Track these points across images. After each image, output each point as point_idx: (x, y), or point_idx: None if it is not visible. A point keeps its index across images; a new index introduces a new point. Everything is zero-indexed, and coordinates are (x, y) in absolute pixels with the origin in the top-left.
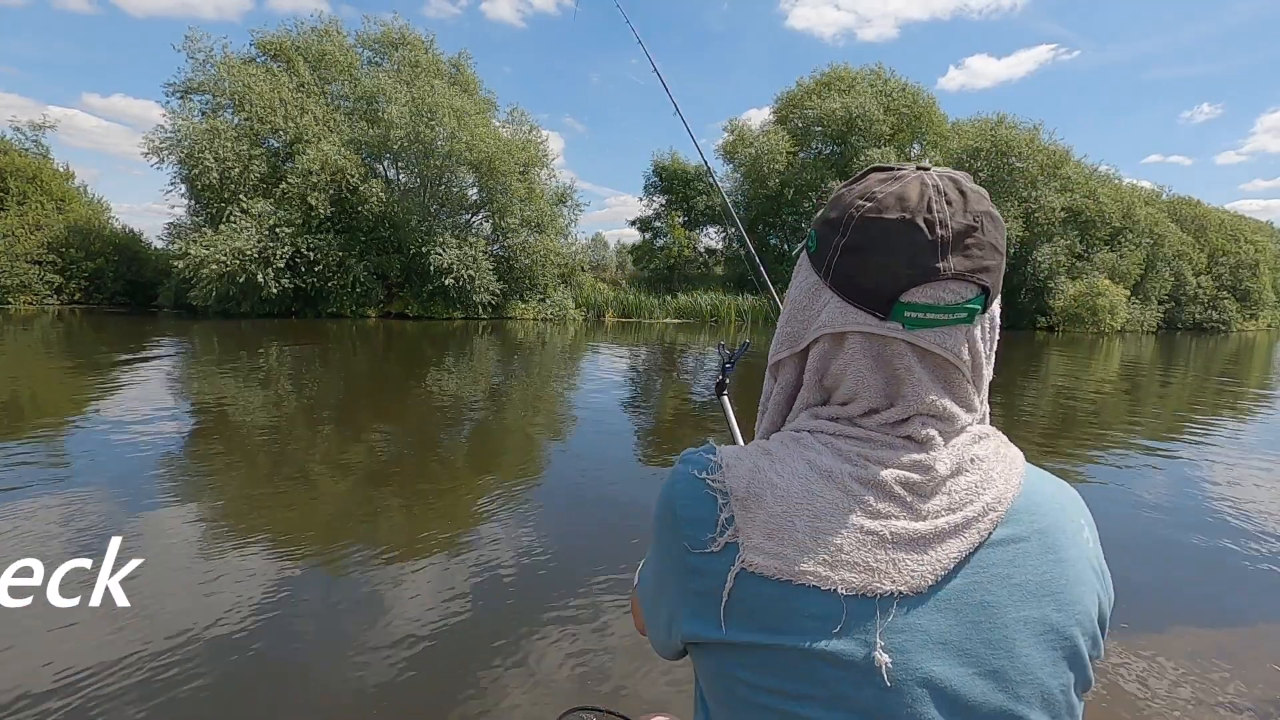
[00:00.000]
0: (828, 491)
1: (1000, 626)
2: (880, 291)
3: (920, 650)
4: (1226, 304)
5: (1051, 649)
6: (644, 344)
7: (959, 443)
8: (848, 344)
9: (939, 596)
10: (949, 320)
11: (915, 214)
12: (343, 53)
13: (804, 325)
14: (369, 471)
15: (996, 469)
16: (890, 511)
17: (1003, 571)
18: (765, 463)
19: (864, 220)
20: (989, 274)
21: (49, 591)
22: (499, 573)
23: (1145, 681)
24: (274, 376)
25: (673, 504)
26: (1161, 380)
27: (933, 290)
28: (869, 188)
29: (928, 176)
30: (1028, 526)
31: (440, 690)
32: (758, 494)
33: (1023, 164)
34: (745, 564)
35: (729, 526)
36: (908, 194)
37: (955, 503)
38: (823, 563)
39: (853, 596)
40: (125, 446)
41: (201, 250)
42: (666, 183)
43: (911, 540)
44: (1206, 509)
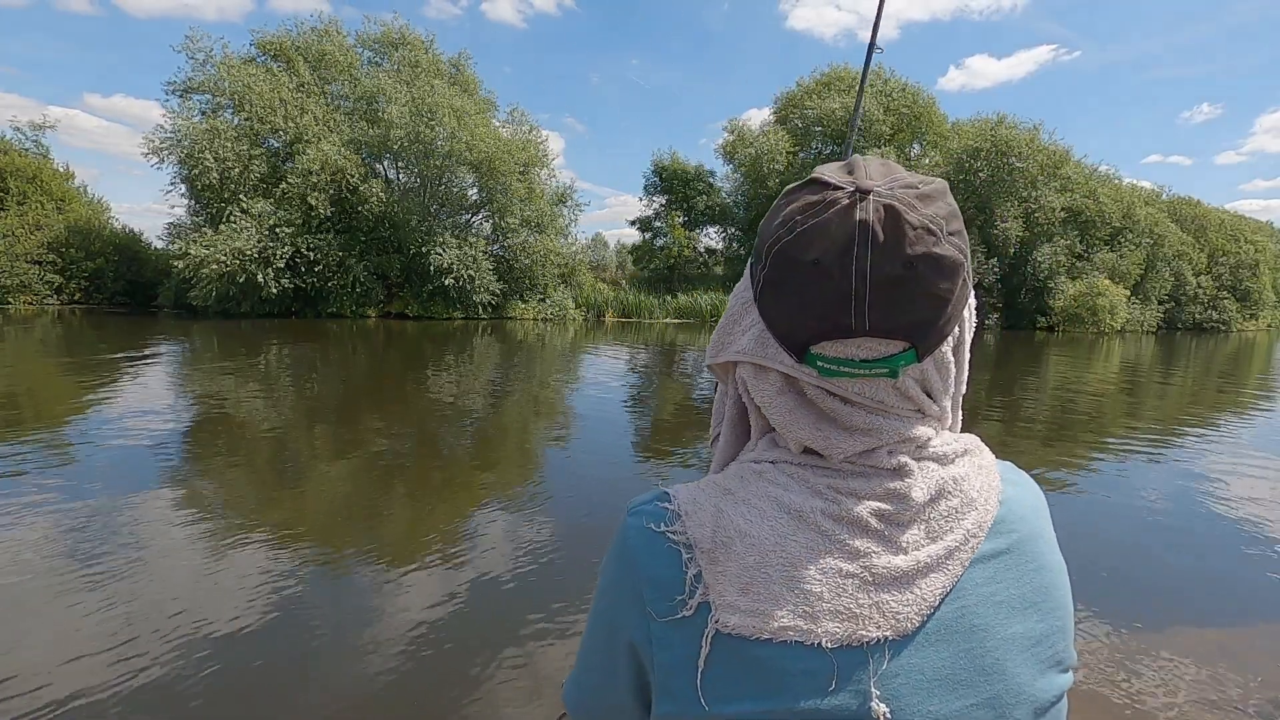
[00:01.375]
0: (800, 534)
1: (991, 651)
2: (791, 336)
3: (916, 692)
4: (1226, 304)
5: (1039, 661)
6: (644, 344)
7: (933, 465)
8: (769, 378)
9: (927, 631)
10: (867, 374)
11: (827, 259)
12: (343, 53)
13: (729, 339)
14: (369, 472)
15: (975, 487)
16: (868, 549)
17: (987, 591)
18: (728, 505)
19: (779, 255)
20: (922, 328)
21: (49, 591)
22: (499, 573)
23: (1145, 681)
24: (274, 376)
25: (634, 564)
26: (1161, 380)
27: (843, 346)
28: (793, 213)
29: (862, 208)
30: (1008, 539)
31: (440, 690)
32: (725, 543)
33: (1023, 164)
34: (720, 625)
35: (698, 584)
36: (829, 231)
37: (935, 531)
38: (803, 615)
39: (839, 648)
40: (125, 446)
41: (201, 250)
42: (666, 183)
43: (893, 579)
44: (1206, 509)
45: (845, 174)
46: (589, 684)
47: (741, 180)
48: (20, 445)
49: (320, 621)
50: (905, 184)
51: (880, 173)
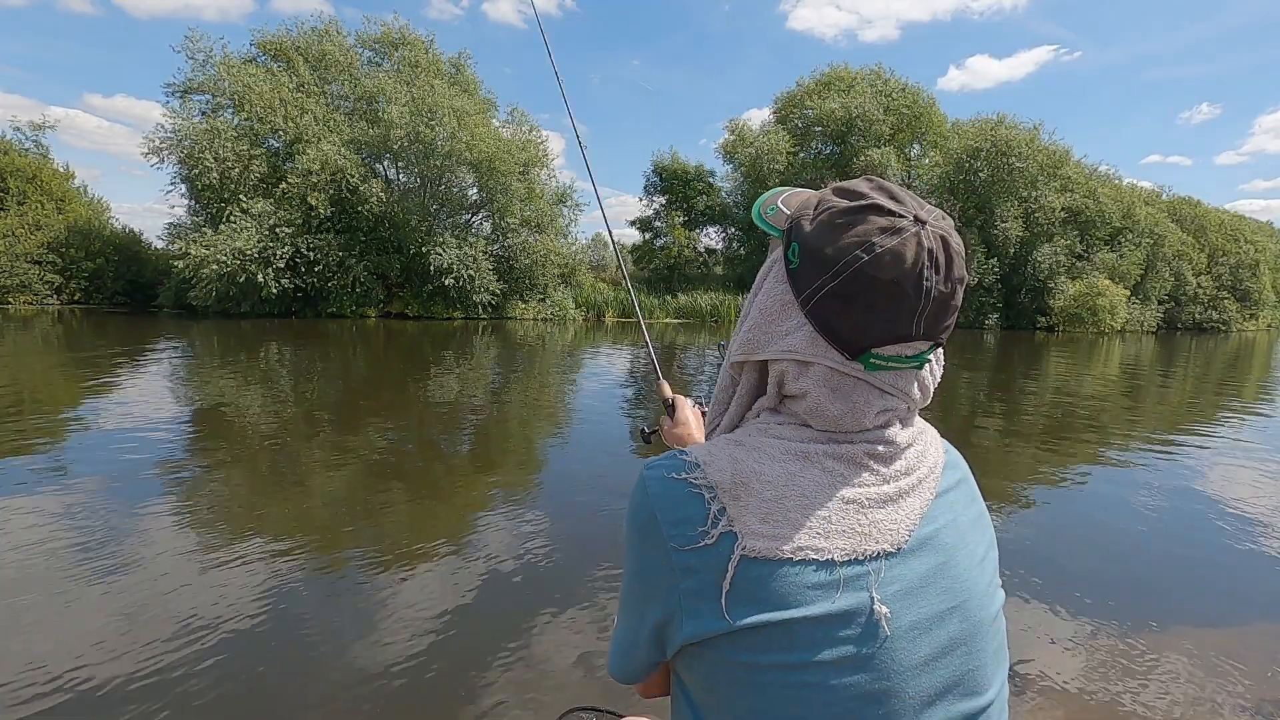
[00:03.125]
0: (808, 471)
1: (957, 563)
2: (854, 340)
3: (906, 597)
4: (1226, 304)
5: (987, 574)
6: (644, 344)
7: (905, 422)
8: (811, 371)
9: (910, 546)
10: (905, 367)
11: (905, 280)
12: (343, 53)
13: (767, 338)
14: (369, 472)
15: (930, 439)
16: (864, 480)
17: (950, 517)
18: (741, 453)
19: (858, 274)
20: (947, 331)
21: (49, 591)
22: (499, 573)
23: (1145, 681)
24: (274, 376)
25: (651, 510)
26: (1161, 380)
27: (899, 348)
28: (868, 235)
29: (924, 235)
30: (956, 475)
31: (440, 690)
32: (744, 482)
33: (1023, 164)
34: (745, 550)
35: (721, 518)
36: (904, 254)
37: (910, 466)
38: (817, 535)
39: (846, 561)
40: (126, 446)
41: (201, 250)
42: (666, 183)
43: (883, 501)
44: (1206, 509)
45: (893, 200)
46: (623, 640)
47: (741, 180)
48: (20, 445)
49: (321, 621)
50: (940, 215)
51: (915, 200)
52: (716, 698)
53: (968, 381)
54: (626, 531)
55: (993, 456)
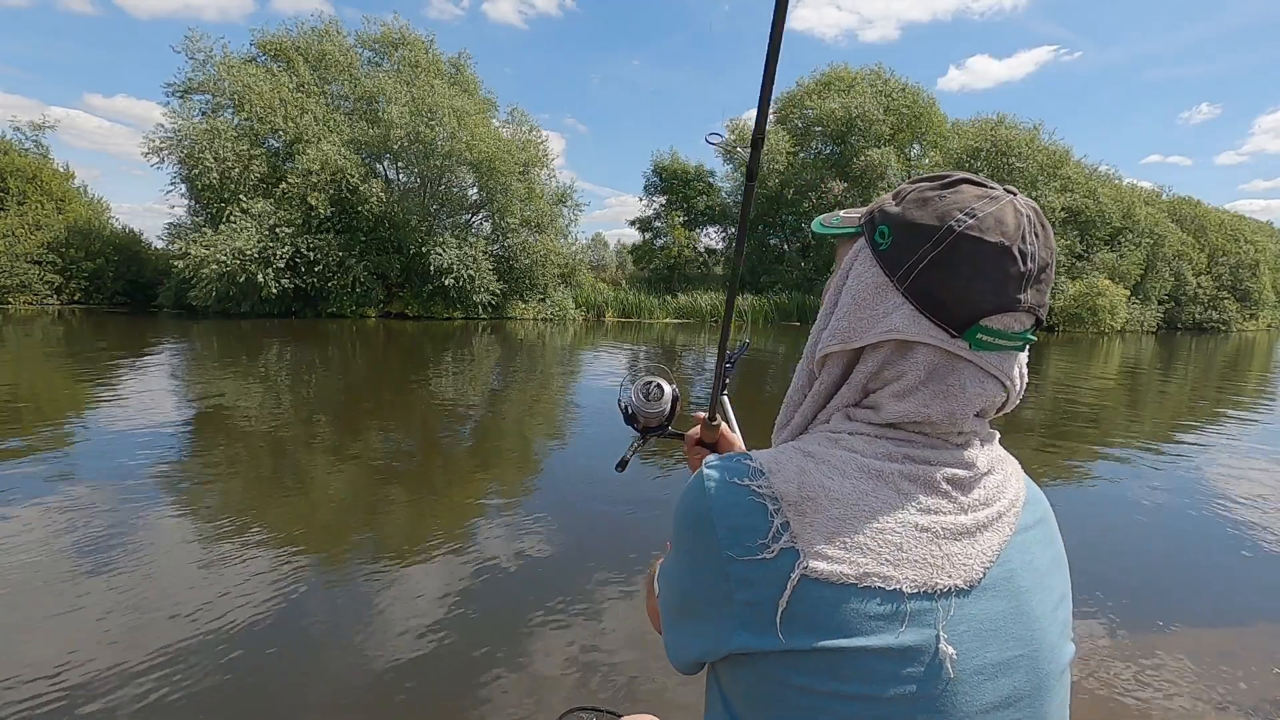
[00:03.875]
0: (880, 491)
1: (1030, 609)
2: (960, 312)
3: (974, 639)
4: (1226, 304)
5: (1061, 623)
6: (644, 344)
7: (985, 446)
8: (914, 353)
9: (984, 585)
10: (1010, 347)
11: (1013, 242)
12: (343, 53)
13: (865, 324)
14: (369, 472)
15: (1010, 469)
16: (940, 507)
17: (1027, 558)
18: (810, 465)
19: (963, 237)
20: (1045, 308)
21: (50, 591)
22: (499, 573)
23: (1145, 681)
24: (274, 377)
25: (709, 513)
26: (1161, 380)
27: (1007, 319)
28: (966, 202)
29: (1018, 203)
30: (1033, 516)
31: (440, 690)
32: (811, 497)
33: (1023, 164)
34: (807, 570)
35: (784, 532)
36: (1005, 218)
37: (989, 496)
38: (886, 562)
39: (915, 594)
40: (126, 447)
41: (201, 250)
42: (666, 183)
43: (960, 533)
44: (1206, 509)
45: (979, 179)
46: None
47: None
48: (20, 445)
49: (321, 621)
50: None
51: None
52: (760, 715)
53: None
54: (677, 526)
55: None
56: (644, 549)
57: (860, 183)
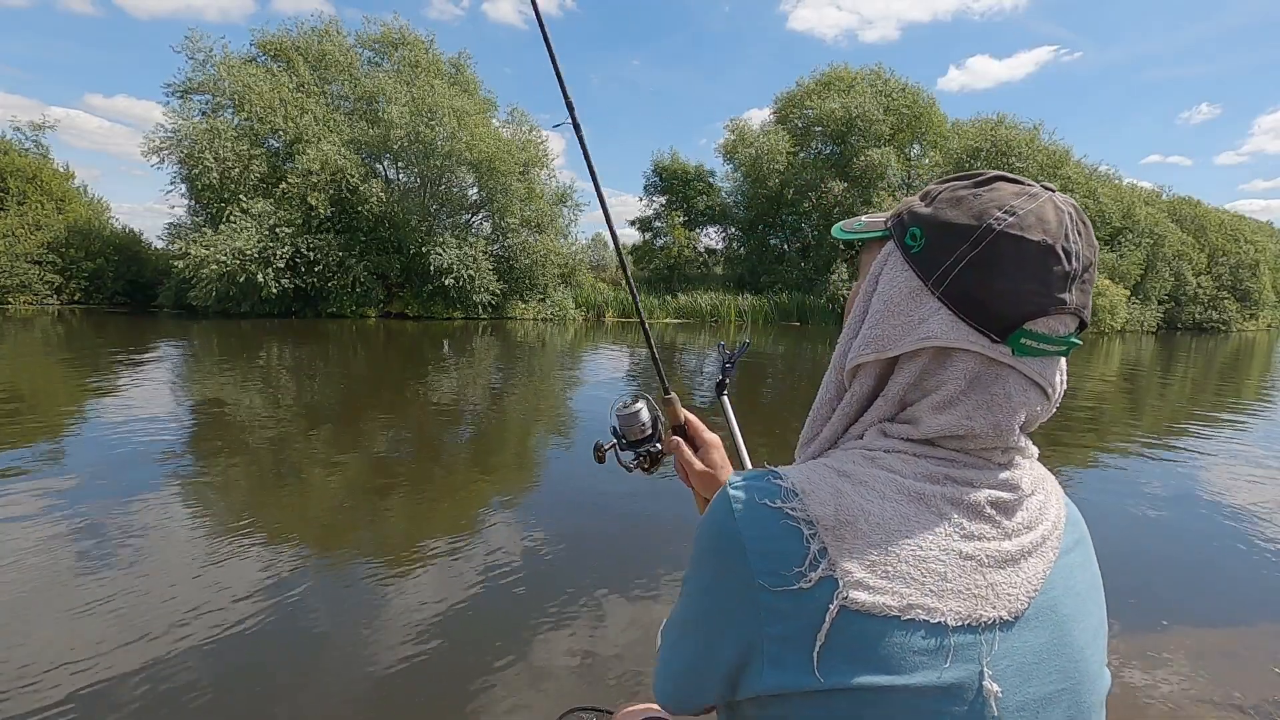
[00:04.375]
0: (922, 516)
1: (1073, 639)
2: (1003, 315)
3: (1018, 675)
4: (1226, 304)
5: (1099, 651)
6: (644, 344)
7: (1027, 464)
8: (953, 361)
9: (1028, 616)
10: (1054, 351)
11: (1056, 240)
12: (343, 53)
13: (900, 331)
14: (369, 472)
15: (1050, 486)
16: (984, 532)
17: (1069, 583)
18: (846, 485)
19: (1003, 236)
20: (1089, 310)
21: (50, 591)
22: (499, 573)
23: (1145, 681)
24: (274, 377)
25: (738, 537)
26: (1161, 380)
27: (1052, 322)
28: (1005, 199)
29: (1058, 199)
30: (1072, 538)
31: (440, 690)
32: (850, 521)
33: (1023, 164)
34: (847, 602)
35: (822, 559)
36: (1046, 216)
37: (1031, 520)
38: (930, 593)
39: (960, 626)
40: (126, 446)
41: (201, 250)
42: (666, 183)
43: (1004, 561)
44: (1207, 509)
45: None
46: (681, 667)
47: (742, 180)
48: (20, 445)
49: (321, 621)
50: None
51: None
52: None
53: None
54: (698, 551)
55: None
56: (644, 549)
57: (860, 183)
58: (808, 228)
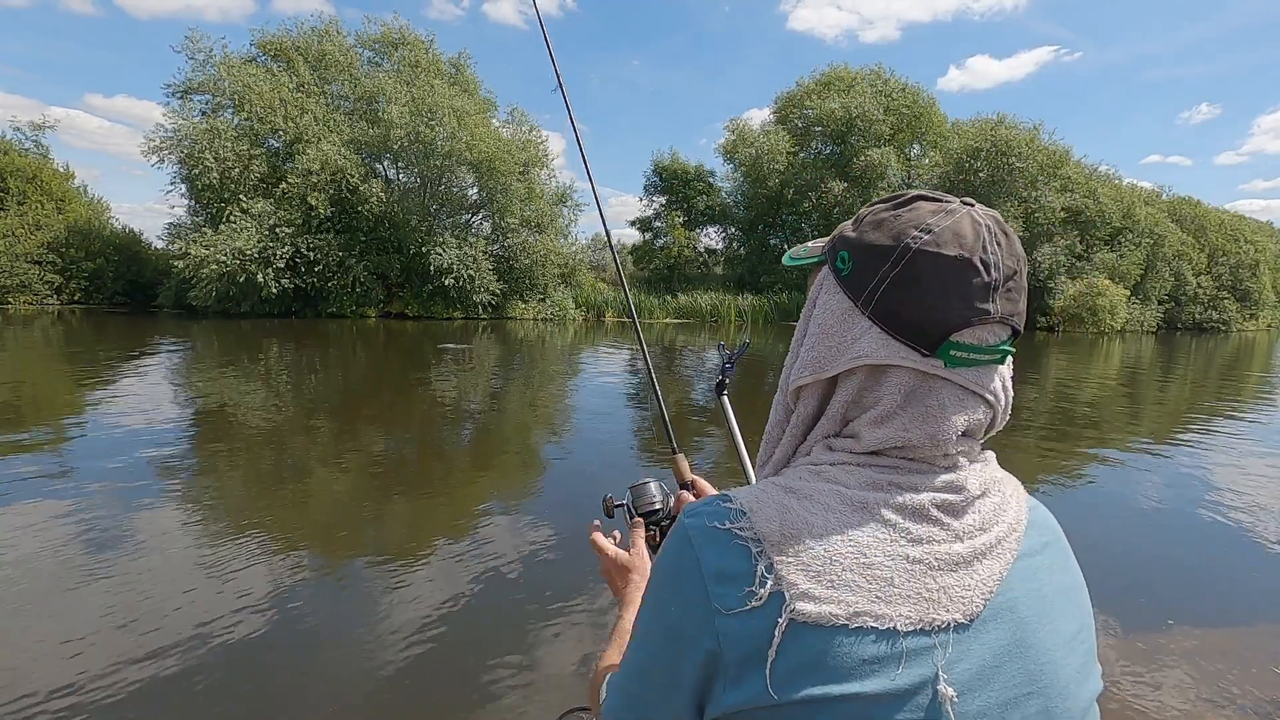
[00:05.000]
0: (866, 524)
1: (1038, 641)
2: (929, 329)
3: (976, 679)
4: (1226, 304)
5: (1078, 656)
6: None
7: (977, 466)
8: (887, 377)
9: (984, 618)
10: (987, 360)
11: (973, 253)
12: (343, 53)
13: (834, 351)
14: (370, 472)
15: (1009, 490)
16: (931, 535)
17: (1032, 585)
18: (792, 501)
19: (920, 254)
20: (1021, 317)
21: (51, 590)
22: (499, 573)
23: (1146, 681)
24: (274, 377)
25: (694, 559)
26: (1161, 380)
27: (979, 332)
28: (921, 218)
29: (976, 213)
30: (1039, 540)
31: (440, 690)
32: (794, 535)
33: (1023, 164)
34: (795, 614)
35: (769, 575)
36: (963, 231)
37: (985, 521)
38: (877, 599)
39: (911, 631)
40: (126, 447)
41: (201, 250)
42: (666, 183)
43: (955, 563)
44: (1206, 510)
45: (936, 194)
46: (638, 693)
47: (742, 180)
48: (21, 445)
49: (322, 621)
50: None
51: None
52: None
53: None
54: (656, 578)
55: None
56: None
57: (860, 183)
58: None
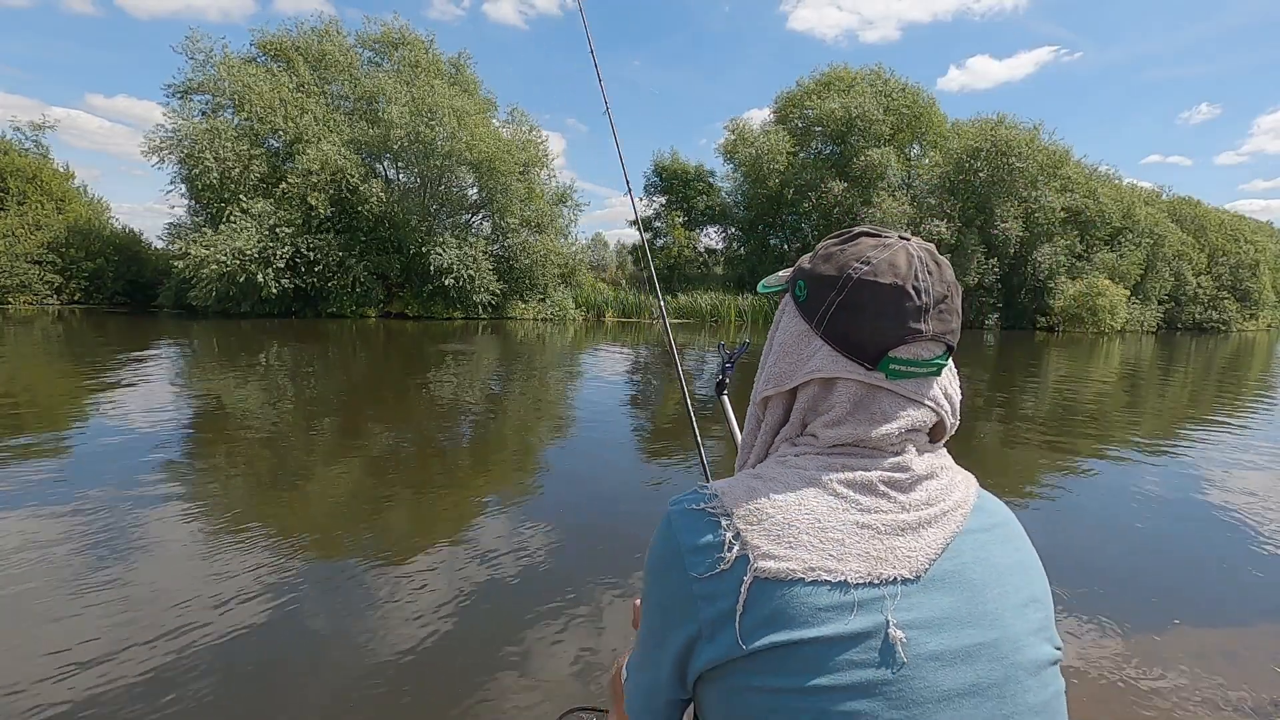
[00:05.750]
0: (821, 496)
1: (988, 600)
2: (870, 346)
3: (926, 627)
4: (1226, 304)
5: (1029, 622)
6: (644, 344)
7: (928, 455)
8: (837, 388)
9: (931, 577)
10: (924, 373)
11: (905, 281)
12: (343, 53)
13: (792, 367)
14: (369, 472)
15: (958, 479)
16: (879, 507)
17: (981, 554)
18: (758, 483)
19: (860, 283)
20: (954, 334)
21: (52, 590)
22: (499, 573)
23: (1146, 681)
24: (274, 376)
25: (674, 538)
26: (1161, 380)
27: (914, 348)
28: (862, 252)
29: (911, 247)
30: (989, 521)
31: (440, 690)
32: (758, 508)
33: (1023, 164)
34: (758, 571)
35: (736, 542)
36: (897, 262)
37: (931, 498)
38: (830, 557)
39: (862, 584)
40: (126, 446)
41: (202, 250)
42: (666, 183)
43: (902, 529)
44: (1206, 509)
45: (878, 230)
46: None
47: (742, 180)
48: (21, 445)
49: (321, 621)
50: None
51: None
52: None
53: (967, 381)
54: (649, 566)
55: (992, 456)
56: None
57: (860, 183)
58: (808, 228)
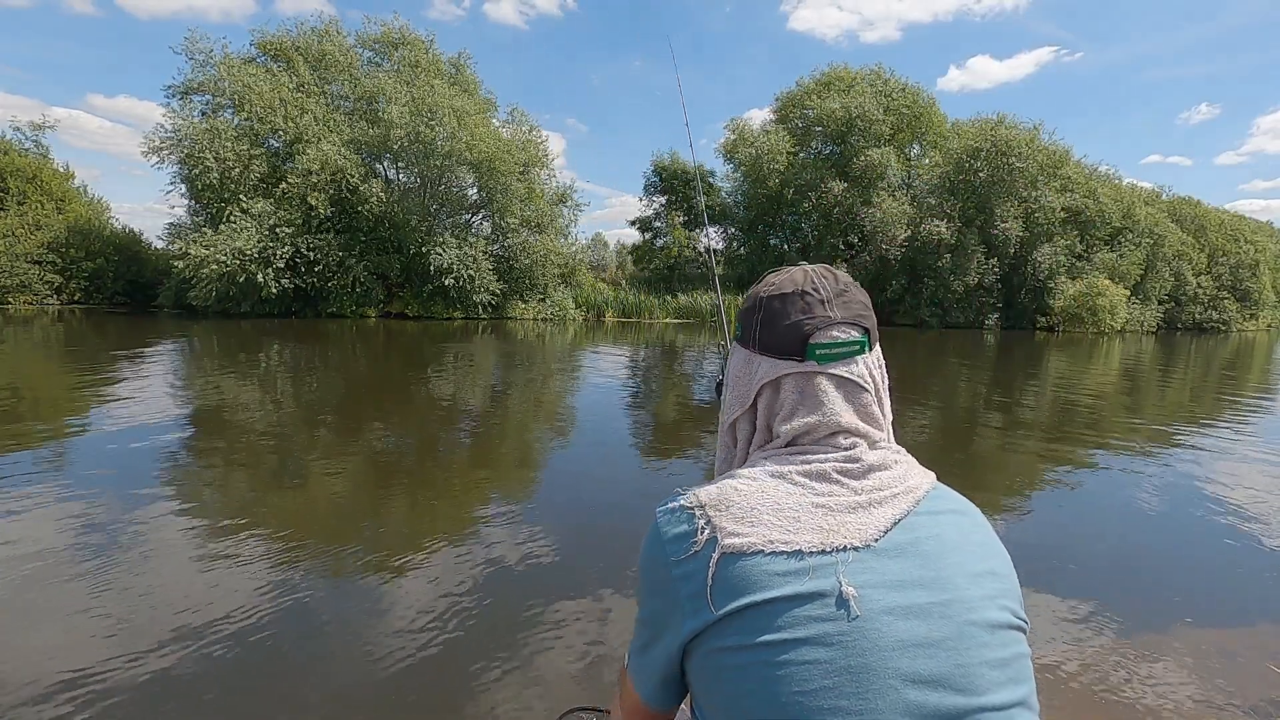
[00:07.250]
0: (780, 485)
1: (942, 568)
2: (793, 341)
3: (879, 586)
4: (1226, 304)
5: (984, 589)
6: (644, 344)
7: (879, 451)
8: (783, 386)
9: (883, 546)
10: (847, 353)
11: (803, 285)
12: (343, 53)
13: (747, 387)
14: (369, 472)
15: (914, 470)
16: (832, 491)
17: (935, 530)
18: (728, 481)
19: (769, 298)
20: (866, 319)
21: (51, 590)
22: (499, 573)
23: (1144, 681)
24: (274, 376)
25: (657, 532)
26: (1161, 380)
27: (829, 332)
28: (766, 279)
29: (807, 267)
30: (944, 506)
31: (440, 690)
32: (726, 499)
33: (1023, 164)
34: (724, 547)
35: (707, 527)
36: (794, 276)
37: (883, 484)
38: (786, 531)
39: (815, 551)
40: (126, 446)
41: (201, 250)
42: (666, 183)
43: (853, 507)
44: (1206, 509)
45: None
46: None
47: (742, 180)
48: (21, 446)
49: (321, 621)
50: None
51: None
52: (712, 695)
53: (968, 381)
54: (640, 562)
55: (992, 455)
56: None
57: (860, 183)
58: (808, 228)
